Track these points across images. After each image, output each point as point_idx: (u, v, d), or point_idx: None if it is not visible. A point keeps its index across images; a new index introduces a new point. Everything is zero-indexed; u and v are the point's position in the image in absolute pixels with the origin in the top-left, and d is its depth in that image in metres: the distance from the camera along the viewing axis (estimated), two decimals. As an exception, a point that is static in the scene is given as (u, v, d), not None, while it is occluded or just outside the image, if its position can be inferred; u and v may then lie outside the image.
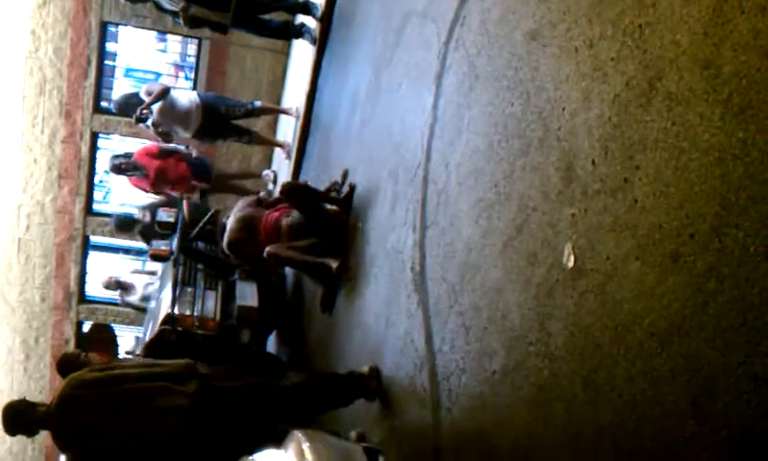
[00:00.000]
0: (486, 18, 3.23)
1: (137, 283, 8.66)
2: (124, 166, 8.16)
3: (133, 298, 8.69)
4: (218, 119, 7.77)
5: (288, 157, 8.07)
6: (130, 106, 7.76)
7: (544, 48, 2.66)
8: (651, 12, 2.07)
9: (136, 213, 8.64)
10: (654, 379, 1.89)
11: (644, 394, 1.92)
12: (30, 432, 3.84)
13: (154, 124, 7.64)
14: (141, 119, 7.57)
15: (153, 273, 8.62)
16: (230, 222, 5.75)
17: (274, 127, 9.61)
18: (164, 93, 7.59)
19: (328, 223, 5.19)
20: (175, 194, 8.30)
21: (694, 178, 1.83)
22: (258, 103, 8.11)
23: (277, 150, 8.85)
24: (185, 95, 7.95)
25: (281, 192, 5.54)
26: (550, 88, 2.57)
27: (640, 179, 2.03)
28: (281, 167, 8.61)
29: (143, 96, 7.62)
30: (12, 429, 3.76)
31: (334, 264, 4.92)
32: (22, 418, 3.70)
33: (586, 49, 2.37)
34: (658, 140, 1.98)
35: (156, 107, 7.54)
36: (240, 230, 5.61)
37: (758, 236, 1.62)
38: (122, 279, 8.77)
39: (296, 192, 5.38)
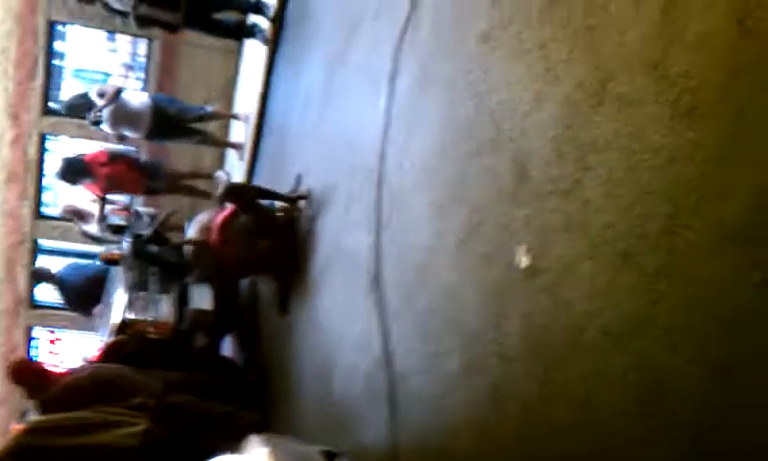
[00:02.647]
0: (437, 20, 3.23)
1: (95, 212, 8.36)
2: (71, 178, 7.94)
3: (91, 227, 8.42)
4: (169, 121, 7.68)
5: (241, 158, 7.99)
6: (79, 107, 7.62)
7: (495, 50, 2.67)
8: (601, 14, 2.09)
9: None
10: (607, 378, 1.91)
11: (597, 392, 1.94)
12: None
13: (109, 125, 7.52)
14: (97, 122, 7.44)
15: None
16: (192, 232, 5.69)
17: (226, 127, 9.52)
18: (117, 94, 7.48)
19: (275, 224, 5.16)
20: (126, 197, 8.15)
21: (645, 178, 1.85)
22: (210, 108, 8.05)
23: (231, 151, 8.77)
24: (137, 96, 7.84)
25: (220, 195, 5.48)
26: (502, 90, 2.58)
27: (592, 179, 2.05)
28: (235, 168, 8.54)
29: (94, 97, 7.48)
30: None
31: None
32: None
33: (537, 50, 2.38)
34: (609, 141, 1.99)
35: (107, 109, 7.42)
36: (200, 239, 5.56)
37: (708, 236, 1.64)
38: (79, 207, 8.46)
39: (235, 193, 5.33)
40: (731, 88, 1.62)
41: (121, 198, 8.64)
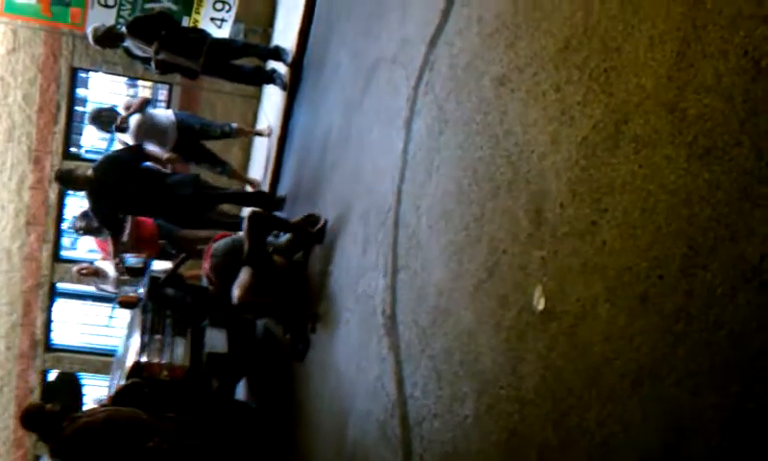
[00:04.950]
0: (454, 64, 3.26)
1: (109, 269, 8.29)
2: (84, 229, 7.91)
3: (108, 285, 8.36)
4: (193, 137, 7.62)
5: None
6: (105, 118, 7.58)
7: (512, 93, 2.68)
8: (616, 56, 2.10)
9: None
10: (625, 422, 1.88)
11: (616, 437, 1.91)
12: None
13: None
14: (122, 129, 7.40)
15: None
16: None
17: (245, 166, 9.57)
18: (144, 104, 7.46)
19: (272, 266, 5.15)
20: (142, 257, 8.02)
21: (661, 220, 1.85)
22: (234, 125, 8.03)
23: (248, 188, 8.77)
24: (163, 112, 7.84)
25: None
26: (518, 132, 2.59)
27: (608, 221, 2.04)
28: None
29: (121, 111, 7.48)
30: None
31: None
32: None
33: (553, 93, 2.39)
34: (625, 183, 1.99)
35: (133, 119, 7.39)
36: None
37: (726, 277, 1.63)
38: (95, 266, 8.41)
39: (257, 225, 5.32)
40: (746, 129, 1.62)
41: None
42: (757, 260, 1.55)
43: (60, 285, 10.43)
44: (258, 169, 8.54)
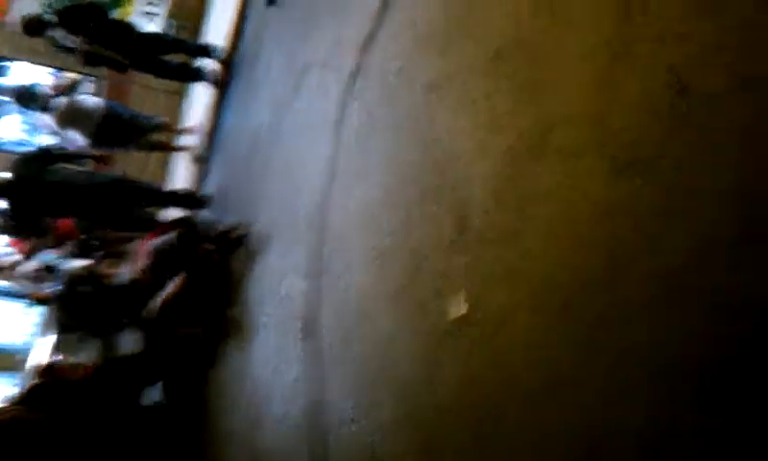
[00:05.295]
0: (385, 69, 3.25)
1: (25, 265, 7.89)
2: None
3: (23, 281, 7.94)
4: (121, 125, 7.38)
5: (193, 160, 7.79)
6: (27, 96, 7.27)
7: (442, 100, 2.69)
8: (546, 68, 2.13)
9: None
10: (543, 430, 1.89)
11: (534, 446, 1.92)
12: None
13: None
14: (46, 108, 7.09)
15: None
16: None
17: (166, 165, 9.35)
18: (73, 87, 7.18)
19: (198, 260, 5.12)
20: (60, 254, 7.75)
21: (584, 230, 1.87)
22: (162, 118, 7.81)
23: (178, 158, 8.48)
24: (91, 99, 7.55)
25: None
26: (446, 139, 2.60)
27: (532, 229, 2.05)
28: (183, 176, 8.28)
29: (49, 90, 7.17)
30: None
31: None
32: None
33: (482, 101, 2.40)
34: (549, 192, 2.01)
35: (60, 101, 7.10)
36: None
37: (646, 288, 1.65)
38: (11, 260, 7.99)
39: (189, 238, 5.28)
40: (670, 143, 1.65)
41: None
42: (677, 271, 1.58)
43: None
44: (183, 168, 8.37)
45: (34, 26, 7.08)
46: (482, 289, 2.24)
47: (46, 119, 7.22)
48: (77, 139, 7.04)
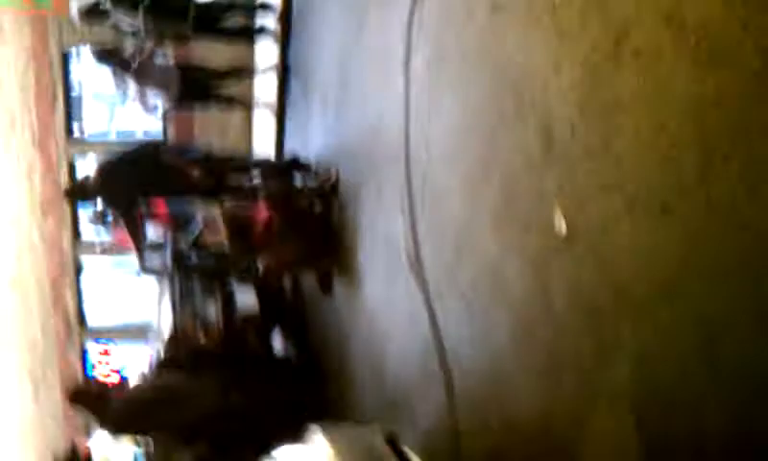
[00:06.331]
0: (445, -5, 3.23)
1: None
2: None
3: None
4: (198, 80, 7.48)
5: (272, 113, 7.88)
6: (111, 60, 7.39)
7: (507, 19, 2.67)
8: (608, -30, 2.08)
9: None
10: (659, 331, 1.92)
11: (651, 347, 1.95)
12: None
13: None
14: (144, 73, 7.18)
15: None
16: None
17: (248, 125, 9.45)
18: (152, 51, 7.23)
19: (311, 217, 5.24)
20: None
21: (673, 129, 1.85)
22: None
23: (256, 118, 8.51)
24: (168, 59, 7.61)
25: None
26: (519, 58, 2.58)
27: (621, 137, 2.05)
28: (264, 130, 8.37)
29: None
30: None
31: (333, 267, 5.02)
32: None
33: (548, 16, 2.38)
34: (633, 97, 1.99)
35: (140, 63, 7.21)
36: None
37: (742, 181, 1.64)
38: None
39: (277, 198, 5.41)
40: (748, 30, 1.62)
41: None
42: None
43: (85, 263, 10.55)
44: (263, 126, 8.49)
45: (92, 13, 7.23)
46: (580, 203, 2.25)
47: (129, 81, 7.27)
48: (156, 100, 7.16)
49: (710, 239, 1.75)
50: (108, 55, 7.29)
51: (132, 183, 6.41)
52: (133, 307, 10.86)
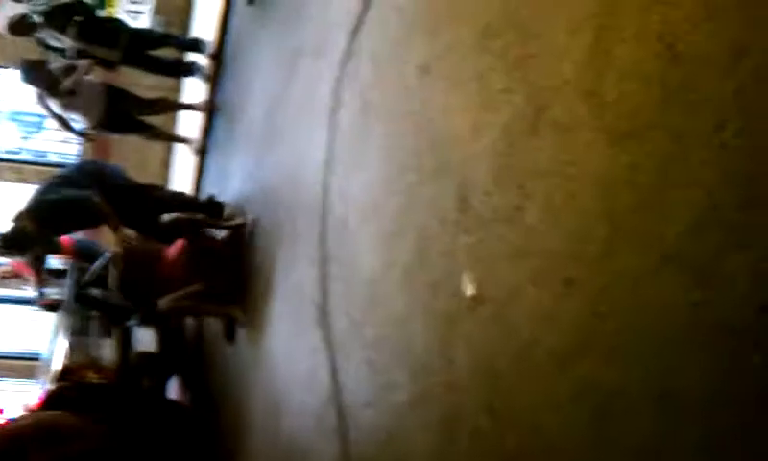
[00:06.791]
0: (376, 52, 3.26)
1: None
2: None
3: (29, 287, 7.86)
4: (125, 107, 7.20)
5: (194, 152, 7.76)
6: (39, 74, 7.06)
7: (435, 81, 2.70)
8: (536, 43, 2.13)
9: None
10: (555, 403, 1.92)
11: (546, 419, 1.95)
12: None
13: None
14: (71, 92, 6.85)
15: None
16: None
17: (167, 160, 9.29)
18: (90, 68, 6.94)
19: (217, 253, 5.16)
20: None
21: (584, 203, 1.88)
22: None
23: (177, 149, 8.35)
24: (96, 81, 7.32)
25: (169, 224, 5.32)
26: (441, 121, 2.61)
27: (532, 206, 2.07)
28: (184, 166, 8.20)
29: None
30: None
31: (238, 313, 4.91)
32: None
33: (474, 81, 2.41)
34: (547, 168, 2.02)
35: (66, 83, 6.88)
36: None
37: (646, 258, 1.67)
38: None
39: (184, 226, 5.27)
40: (664, 112, 1.66)
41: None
42: (673, 241, 1.60)
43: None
44: (183, 163, 8.38)
45: (20, 26, 7.00)
46: (488, 268, 2.26)
47: (52, 98, 6.98)
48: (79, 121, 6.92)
49: (610, 315, 1.76)
50: (35, 67, 7.01)
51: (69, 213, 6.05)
52: (23, 341, 10.39)
